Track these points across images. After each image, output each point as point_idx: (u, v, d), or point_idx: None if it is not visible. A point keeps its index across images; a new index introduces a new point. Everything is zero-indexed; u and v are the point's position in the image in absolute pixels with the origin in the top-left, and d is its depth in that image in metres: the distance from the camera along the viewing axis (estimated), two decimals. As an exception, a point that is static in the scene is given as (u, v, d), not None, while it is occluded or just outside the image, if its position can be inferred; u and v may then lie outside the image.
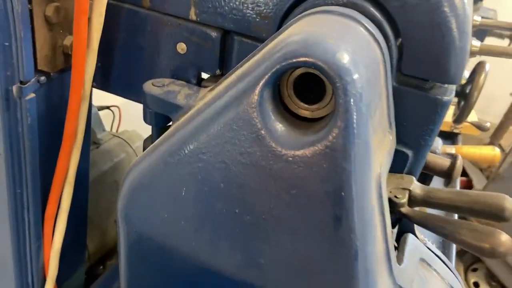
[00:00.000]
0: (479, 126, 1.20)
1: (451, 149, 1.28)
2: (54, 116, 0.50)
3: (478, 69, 1.17)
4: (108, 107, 1.01)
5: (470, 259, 2.13)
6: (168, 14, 0.48)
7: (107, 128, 0.95)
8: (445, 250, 0.99)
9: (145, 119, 0.50)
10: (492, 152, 1.24)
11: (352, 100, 0.33)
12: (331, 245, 0.36)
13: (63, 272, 0.64)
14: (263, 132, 0.36)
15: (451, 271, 0.48)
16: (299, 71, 0.36)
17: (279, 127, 0.37)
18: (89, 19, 0.44)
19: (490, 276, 2.01)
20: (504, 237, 0.37)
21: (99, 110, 0.97)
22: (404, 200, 0.42)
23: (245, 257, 0.39)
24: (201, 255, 0.41)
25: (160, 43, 0.50)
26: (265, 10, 0.43)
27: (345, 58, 0.33)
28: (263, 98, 0.36)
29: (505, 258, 0.40)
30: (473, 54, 0.46)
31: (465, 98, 1.06)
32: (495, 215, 0.40)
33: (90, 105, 0.52)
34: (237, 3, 0.44)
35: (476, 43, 0.45)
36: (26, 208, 0.54)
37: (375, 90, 0.37)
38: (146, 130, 0.54)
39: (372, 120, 0.36)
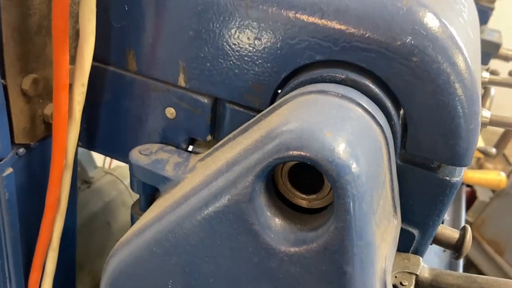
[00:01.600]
0: (484, 152, 1.17)
1: (455, 175, 1.25)
2: (36, 184, 0.47)
3: (484, 96, 1.13)
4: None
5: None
6: (156, 79, 0.45)
7: (99, 163, 0.92)
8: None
9: (132, 187, 0.47)
10: (497, 177, 1.20)
11: (352, 200, 0.30)
12: None
13: None
14: (255, 227, 0.33)
15: None
16: (294, 162, 0.33)
17: (274, 220, 0.34)
18: (70, 89, 0.41)
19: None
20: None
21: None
22: (411, 287, 0.39)
23: None
24: None
25: (147, 107, 0.46)
26: (258, 81, 0.40)
27: (344, 154, 0.30)
28: (256, 191, 0.33)
29: None
30: (484, 125, 0.43)
31: None
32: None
33: (75, 171, 0.49)
34: (229, 72, 0.41)
35: (486, 113, 0.42)
36: (8, 279, 0.51)
37: (377, 180, 0.34)
38: None
39: (375, 216, 0.33)
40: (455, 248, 0.45)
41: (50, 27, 0.39)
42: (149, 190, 0.46)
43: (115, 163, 1.04)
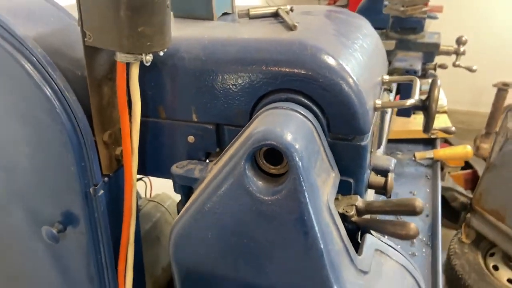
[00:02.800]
0: (446, 131, 1.41)
1: (430, 154, 1.49)
2: (117, 199, 0.74)
3: (432, 86, 1.42)
4: (140, 179, 1.26)
5: (487, 246, 2.28)
6: (179, 119, 0.72)
7: (142, 195, 1.19)
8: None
9: (175, 190, 0.74)
10: (464, 150, 1.44)
11: (296, 161, 0.56)
12: (305, 249, 0.58)
13: None
14: (249, 188, 0.59)
15: (401, 254, 0.69)
16: (265, 148, 0.59)
17: (259, 183, 0.60)
18: (130, 135, 0.69)
19: (507, 258, 2.15)
20: (412, 225, 0.59)
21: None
22: (353, 212, 0.64)
23: (256, 268, 0.61)
24: (229, 273, 0.63)
25: (176, 138, 0.74)
26: (240, 108, 0.67)
27: (290, 139, 0.56)
28: (246, 167, 0.59)
29: (414, 238, 0.61)
30: (377, 109, 0.69)
31: (427, 110, 1.33)
32: (411, 212, 0.62)
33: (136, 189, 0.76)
34: (222, 107, 0.68)
35: (378, 102, 0.68)
36: (105, 268, 0.77)
37: (313, 149, 0.60)
38: (172, 190, 0.77)
39: (314, 170, 0.59)
40: (384, 188, 0.71)
41: (115, 102, 0.67)
42: (186, 190, 0.73)
43: (154, 192, 1.32)
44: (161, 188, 1.29)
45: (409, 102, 0.68)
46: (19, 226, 0.77)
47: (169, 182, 0.74)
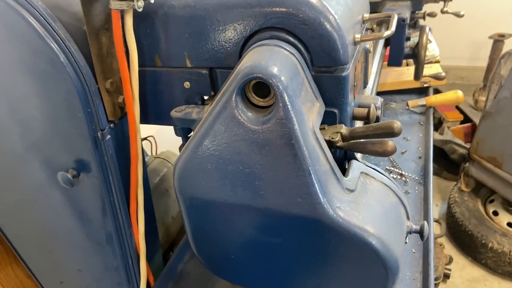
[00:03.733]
0: (435, 77, 1.45)
1: (422, 101, 1.54)
2: (123, 144, 0.81)
3: (421, 33, 1.47)
4: (146, 138, 1.33)
5: (486, 193, 2.35)
6: (174, 66, 0.78)
7: (149, 153, 1.26)
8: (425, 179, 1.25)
9: (176, 133, 0.80)
10: (455, 95, 1.49)
11: (282, 91, 0.62)
12: (295, 170, 0.64)
13: (148, 255, 0.94)
14: (241, 119, 0.65)
15: (386, 177, 0.76)
16: (254, 81, 0.65)
17: (250, 114, 0.66)
18: (130, 85, 0.74)
19: (507, 203, 2.22)
20: (390, 142, 0.65)
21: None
22: (337, 138, 0.70)
23: (252, 191, 0.68)
24: (228, 198, 0.70)
25: (173, 85, 0.80)
26: (229, 50, 0.73)
27: (273, 70, 0.62)
28: (237, 101, 0.65)
29: (392, 154, 0.67)
30: (356, 43, 0.74)
31: (416, 57, 1.39)
32: (390, 134, 0.68)
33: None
34: (213, 51, 0.74)
35: (357, 35, 0.73)
36: (118, 208, 0.85)
37: (297, 80, 0.65)
38: (176, 149, 0.84)
39: (299, 98, 0.65)
40: (366, 118, 0.76)
41: (113, 52, 0.73)
42: (186, 132, 0.79)
43: (160, 150, 1.39)
44: (166, 146, 1.36)
45: (386, 33, 0.73)
46: (37, 176, 0.85)
47: (173, 142, 0.80)
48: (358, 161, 0.76)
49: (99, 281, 0.99)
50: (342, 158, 0.77)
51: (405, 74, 1.70)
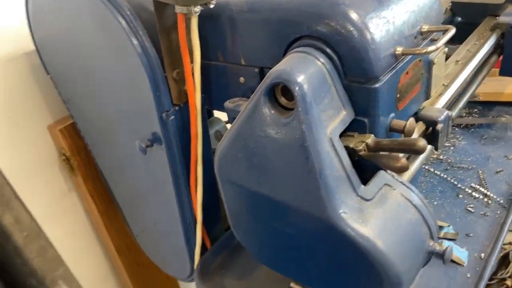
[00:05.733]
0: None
1: None
2: (185, 125, 0.94)
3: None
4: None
5: None
6: (232, 63, 0.87)
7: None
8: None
9: (229, 121, 0.90)
10: None
11: (301, 97, 0.66)
12: (306, 173, 0.69)
13: (208, 224, 1.07)
14: (266, 118, 0.72)
15: (414, 193, 0.75)
16: (282, 85, 0.71)
17: (274, 114, 0.72)
18: (193, 76, 0.87)
19: None
20: (402, 160, 0.65)
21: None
22: (361, 147, 0.72)
23: (271, 185, 0.75)
24: (253, 187, 0.78)
25: (231, 79, 0.90)
26: (273, 54, 0.79)
27: (297, 77, 0.67)
28: (265, 101, 0.71)
29: (403, 172, 0.66)
30: (397, 56, 0.72)
31: None
32: (413, 151, 0.68)
33: (204, 115, 0.94)
34: (261, 53, 0.81)
35: (399, 48, 0.72)
36: (180, 179, 1.00)
37: (322, 88, 0.69)
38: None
39: (319, 106, 0.68)
40: (402, 131, 0.76)
41: (179, 47, 0.86)
42: (237, 122, 0.89)
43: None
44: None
45: (430, 48, 0.71)
46: (125, 141, 1.04)
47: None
48: (386, 172, 0.76)
49: (167, 237, 1.17)
50: (373, 167, 0.78)
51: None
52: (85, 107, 1.09)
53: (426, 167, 1.36)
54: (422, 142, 0.67)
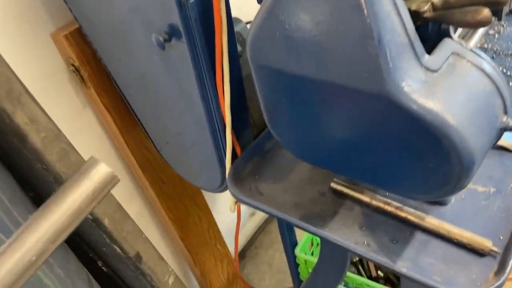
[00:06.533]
0: None
1: None
2: (208, 12, 0.82)
3: None
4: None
5: None
6: None
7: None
8: None
9: (258, 1, 0.78)
10: None
11: None
12: (363, 38, 0.58)
13: (236, 130, 0.98)
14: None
15: (486, 62, 0.63)
16: None
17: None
18: None
19: None
20: (485, 10, 0.53)
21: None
22: (426, 8, 0.60)
23: (317, 63, 0.64)
24: (294, 70, 0.67)
25: None
26: None
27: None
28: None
29: (487, 25, 0.54)
30: None
31: None
32: (493, 3, 0.55)
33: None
34: None
35: None
36: (205, 77, 0.89)
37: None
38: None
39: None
40: None
41: None
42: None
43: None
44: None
45: None
46: (139, 39, 0.93)
47: None
48: (453, 40, 0.65)
49: (194, 146, 1.09)
50: (436, 36, 0.66)
51: None
52: (89, 2, 0.96)
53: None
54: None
